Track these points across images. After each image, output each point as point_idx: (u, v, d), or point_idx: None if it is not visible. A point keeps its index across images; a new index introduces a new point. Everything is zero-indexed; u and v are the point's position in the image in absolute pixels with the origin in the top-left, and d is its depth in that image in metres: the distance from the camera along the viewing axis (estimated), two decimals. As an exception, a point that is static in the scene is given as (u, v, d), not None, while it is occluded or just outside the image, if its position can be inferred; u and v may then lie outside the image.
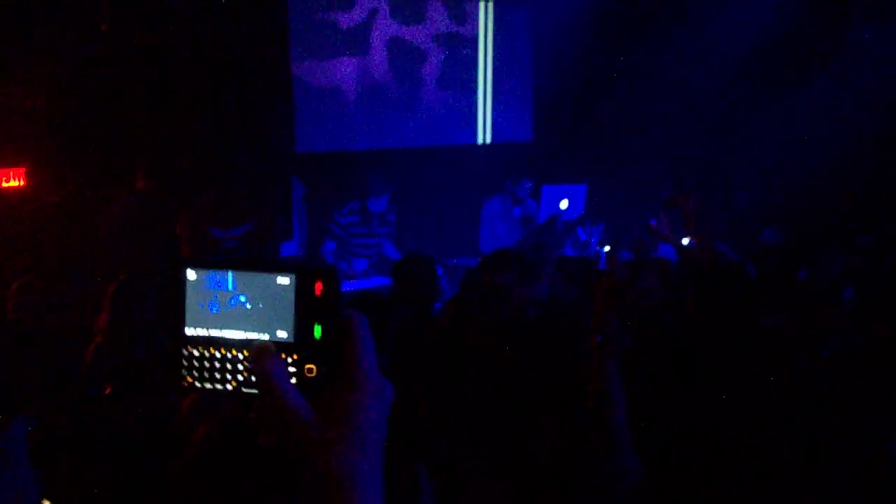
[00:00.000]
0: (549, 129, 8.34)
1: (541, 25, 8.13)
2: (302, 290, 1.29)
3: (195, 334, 1.39)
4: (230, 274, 1.36)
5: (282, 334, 1.31)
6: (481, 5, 8.09)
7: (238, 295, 1.36)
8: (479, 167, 7.95)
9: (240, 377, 1.35)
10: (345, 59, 7.63)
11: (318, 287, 1.30)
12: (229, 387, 1.37)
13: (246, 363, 1.34)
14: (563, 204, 6.71)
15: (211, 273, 1.38)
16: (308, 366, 1.26)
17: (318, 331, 1.27)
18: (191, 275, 1.39)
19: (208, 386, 1.38)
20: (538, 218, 6.77)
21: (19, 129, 5.80)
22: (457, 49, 8.07)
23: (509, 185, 7.01)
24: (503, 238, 6.78)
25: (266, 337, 1.34)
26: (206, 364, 1.39)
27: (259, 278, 1.35)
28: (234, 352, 1.36)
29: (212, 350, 1.38)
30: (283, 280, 1.31)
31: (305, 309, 1.29)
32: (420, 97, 7.95)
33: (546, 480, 2.80)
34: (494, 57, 8.16)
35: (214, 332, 1.37)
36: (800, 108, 7.51)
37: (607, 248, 6.28)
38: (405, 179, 7.77)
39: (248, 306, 1.36)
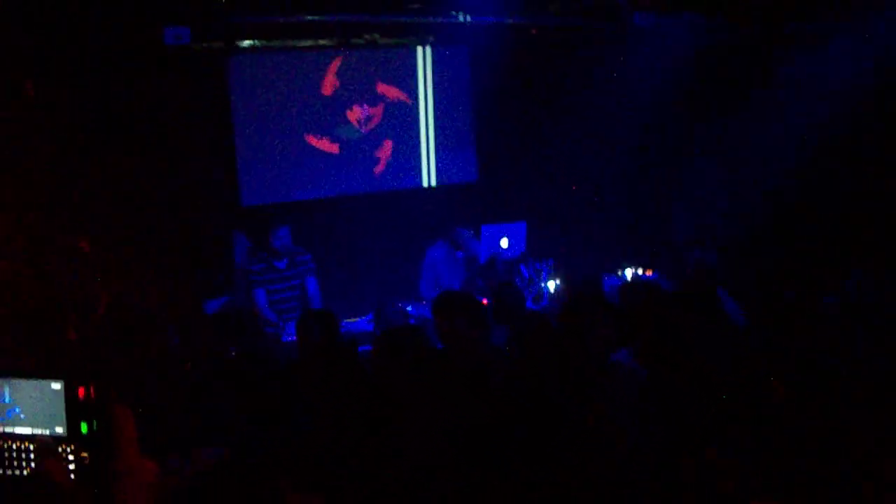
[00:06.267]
0: (491, 168, 8.38)
1: (480, 66, 8.18)
2: (69, 393, 1.65)
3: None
4: (6, 387, 1.71)
5: (59, 430, 1.65)
6: (419, 49, 8.14)
7: (14, 407, 1.71)
8: (425, 211, 7.96)
9: (33, 464, 1.67)
10: (287, 109, 7.65)
11: (81, 392, 1.65)
12: (25, 472, 1.69)
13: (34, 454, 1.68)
14: (504, 243, 6.72)
15: None
16: (82, 454, 1.59)
17: (84, 427, 1.61)
18: None
19: (8, 472, 1.72)
20: (480, 259, 6.78)
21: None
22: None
23: (450, 234, 7.00)
24: (447, 283, 6.77)
25: (47, 432, 1.68)
26: (5, 454, 1.71)
27: (34, 384, 1.69)
28: (26, 444, 1.69)
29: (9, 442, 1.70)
30: (56, 385, 1.68)
31: (72, 409, 1.63)
32: (364, 144, 7.97)
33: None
34: (435, 99, 8.19)
35: (8, 429, 1.73)
36: (729, 141, 7.65)
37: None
38: (353, 226, 7.79)
39: (23, 416, 1.70)
